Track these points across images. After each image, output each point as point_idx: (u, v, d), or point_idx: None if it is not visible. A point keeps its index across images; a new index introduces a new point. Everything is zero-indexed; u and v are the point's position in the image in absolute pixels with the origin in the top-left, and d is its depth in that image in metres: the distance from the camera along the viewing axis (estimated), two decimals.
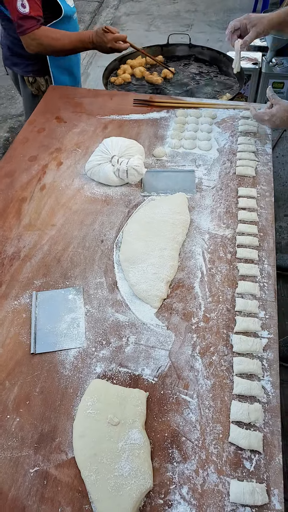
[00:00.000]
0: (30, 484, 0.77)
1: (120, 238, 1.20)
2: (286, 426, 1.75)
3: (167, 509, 0.75)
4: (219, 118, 1.59)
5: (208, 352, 0.95)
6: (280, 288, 2.28)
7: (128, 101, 1.68)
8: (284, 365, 1.90)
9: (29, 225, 1.24)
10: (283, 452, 0.82)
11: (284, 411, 1.79)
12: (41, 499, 0.75)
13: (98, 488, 0.75)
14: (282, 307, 2.18)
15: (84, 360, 0.94)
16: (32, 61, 1.81)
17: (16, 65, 1.87)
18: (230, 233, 1.20)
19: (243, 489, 0.75)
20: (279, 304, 2.16)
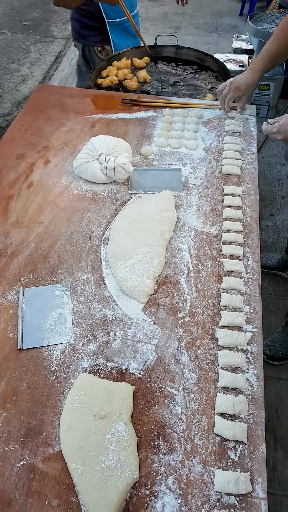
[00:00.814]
0: (17, 478, 0.78)
1: (107, 235, 1.21)
2: (272, 421, 1.78)
3: (153, 500, 0.76)
4: (205, 118, 1.62)
5: (194, 346, 0.96)
6: (267, 286, 2.31)
7: (116, 100, 1.70)
8: (275, 364, 1.93)
9: (16, 222, 1.24)
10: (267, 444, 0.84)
11: (272, 407, 1.82)
12: (28, 492, 0.76)
13: (85, 480, 0.76)
14: (269, 305, 2.21)
15: (71, 355, 0.95)
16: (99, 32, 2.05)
17: (85, 37, 2.10)
18: (215, 230, 1.22)
19: (228, 478, 0.76)
20: (267, 302, 2.21)
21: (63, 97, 1.73)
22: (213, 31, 4.44)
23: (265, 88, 2.98)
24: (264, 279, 2.31)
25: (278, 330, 1.99)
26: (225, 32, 4.41)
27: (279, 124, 1.23)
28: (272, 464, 1.69)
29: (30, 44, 4.50)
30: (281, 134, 1.23)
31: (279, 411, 1.83)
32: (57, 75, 3.93)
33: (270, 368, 1.95)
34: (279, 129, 1.23)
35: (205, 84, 1.93)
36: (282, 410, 1.83)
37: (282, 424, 1.79)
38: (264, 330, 2.03)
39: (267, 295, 2.25)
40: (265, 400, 1.87)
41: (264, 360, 1.91)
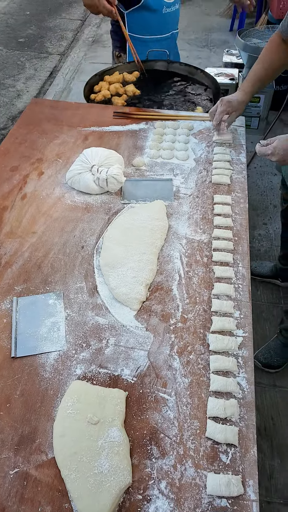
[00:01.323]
0: (10, 486, 0.78)
1: (100, 244, 1.23)
2: (268, 429, 1.78)
3: (146, 504, 0.76)
4: (195, 129, 1.65)
5: (185, 351, 0.98)
6: (260, 294, 2.33)
7: (108, 113, 1.73)
8: (270, 371, 1.93)
9: (10, 233, 1.26)
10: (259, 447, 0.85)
11: (268, 414, 1.82)
12: (21, 499, 0.76)
13: (78, 486, 0.76)
14: (263, 312, 2.23)
15: (64, 362, 0.96)
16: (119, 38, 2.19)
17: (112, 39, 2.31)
18: (206, 238, 1.24)
19: (219, 481, 0.77)
20: (261, 309, 2.23)
21: (56, 110, 1.77)
22: (204, 46, 4.54)
23: (256, 100, 3.04)
24: (257, 287, 2.33)
25: (272, 337, 2.00)
26: (216, 47, 4.51)
27: (273, 147, 1.25)
28: (269, 472, 1.69)
29: (25, 60, 4.58)
30: (276, 156, 1.25)
31: (275, 418, 1.83)
32: (52, 89, 3.99)
33: (265, 375, 1.96)
34: (273, 151, 1.25)
35: (195, 97, 1.98)
36: (278, 417, 1.83)
37: (278, 432, 1.79)
38: (259, 338, 2.06)
39: (261, 303, 2.27)
40: (261, 408, 1.88)
41: (259, 367, 1.92)
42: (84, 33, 5.02)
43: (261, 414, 1.83)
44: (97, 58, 4.47)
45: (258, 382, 1.92)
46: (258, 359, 1.93)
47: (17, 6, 5.72)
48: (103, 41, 4.77)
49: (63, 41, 4.90)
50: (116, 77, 2.03)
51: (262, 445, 1.74)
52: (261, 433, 1.77)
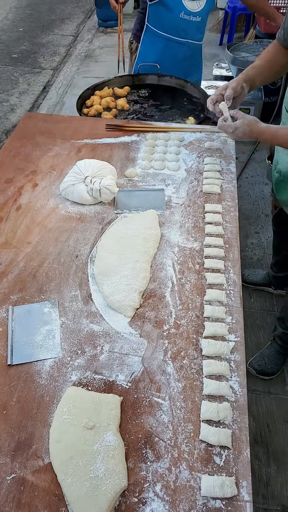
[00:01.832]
0: (7, 491, 0.79)
1: (94, 253, 1.25)
2: (263, 436, 1.79)
3: (142, 507, 0.77)
4: (186, 140, 1.69)
5: (179, 356, 1.00)
6: (254, 301, 2.35)
7: (100, 126, 1.77)
8: (265, 378, 1.95)
9: (5, 244, 1.28)
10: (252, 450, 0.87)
11: (264, 422, 1.83)
12: (18, 505, 0.77)
13: (74, 490, 0.77)
14: (257, 320, 2.25)
15: (60, 369, 0.98)
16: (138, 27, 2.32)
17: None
18: (198, 245, 1.27)
19: (213, 483, 0.78)
20: (254, 317, 2.25)
21: (49, 124, 1.80)
22: None
23: (246, 112, 3.09)
24: (251, 295, 2.35)
25: (266, 344, 2.02)
26: (206, 60, 4.59)
27: (235, 126, 1.32)
28: (266, 479, 1.69)
29: (18, 75, 4.65)
30: (234, 136, 1.34)
31: (270, 425, 1.84)
32: (45, 103, 4.05)
33: (260, 382, 1.97)
34: (234, 130, 1.32)
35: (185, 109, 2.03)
36: (274, 424, 1.84)
37: (273, 439, 1.80)
38: (253, 345, 2.08)
39: (254, 310, 2.29)
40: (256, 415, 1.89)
41: (254, 375, 1.93)
42: (77, 48, 5.12)
43: (256, 421, 1.84)
44: (89, 72, 4.56)
45: (253, 389, 1.93)
46: (253, 367, 1.94)
47: (10, 22, 5.83)
48: (96, 56, 4.86)
49: (56, 57, 4.98)
50: (106, 91, 2.08)
51: (258, 452, 1.75)
52: (257, 440, 1.78)
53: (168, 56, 2.23)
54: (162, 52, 2.23)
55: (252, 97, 3.05)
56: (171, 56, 2.23)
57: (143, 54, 2.30)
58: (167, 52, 2.23)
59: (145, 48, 2.29)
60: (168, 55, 2.23)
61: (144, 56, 2.29)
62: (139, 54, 2.33)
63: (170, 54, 2.23)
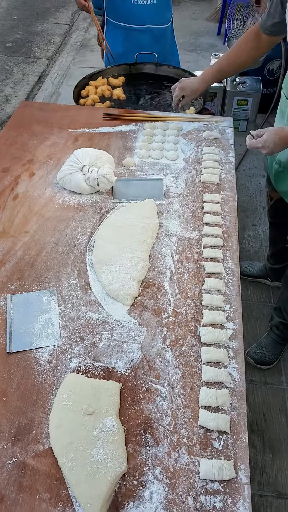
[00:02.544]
0: (8, 475, 0.80)
1: (92, 242, 1.25)
2: (259, 424, 1.81)
3: (141, 489, 0.78)
4: (185, 130, 1.69)
5: (177, 344, 1.00)
6: (251, 293, 2.37)
7: (98, 115, 1.76)
8: (263, 368, 1.96)
9: (3, 233, 1.28)
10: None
11: (260, 411, 1.85)
12: (19, 488, 0.78)
13: (75, 474, 0.78)
14: (254, 312, 2.26)
15: (59, 356, 0.98)
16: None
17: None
18: (196, 235, 1.27)
19: (212, 466, 0.80)
20: (251, 309, 2.26)
21: (46, 112, 1.79)
22: (192, 50, 4.61)
23: (243, 103, 3.10)
24: (248, 287, 2.37)
25: (263, 335, 2.04)
26: (204, 51, 4.58)
27: (263, 140, 1.26)
28: (261, 467, 1.72)
29: (13, 65, 4.59)
30: (266, 149, 1.26)
31: (266, 414, 1.86)
32: (41, 94, 4.01)
33: (256, 373, 1.99)
34: (264, 144, 1.25)
35: None
36: (269, 413, 1.86)
37: (269, 427, 1.82)
38: (250, 337, 2.09)
39: (251, 302, 2.30)
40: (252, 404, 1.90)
41: (252, 364, 1.95)
42: (72, 37, 5.05)
43: (252, 410, 1.86)
44: (85, 62, 4.51)
45: (249, 379, 1.95)
46: (251, 356, 1.96)
47: (4, 10, 5.74)
48: (91, 45, 4.81)
49: (51, 46, 4.92)
50: (101, 81, 2.06)
51: (254, 440, 1.77)
52: (253, 429, 1.80)
53: (132, 45, 2.19)
54: (125, 42, 2.21)
55: (250, 88, 3.04)
56: (135, 45, 2.18)
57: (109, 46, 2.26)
58: (130, 42, 2.20)
59: (109, 41, 2.24)
60: (132, 44, 2.19)
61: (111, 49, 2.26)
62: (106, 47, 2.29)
63: (133, 43, 2.19)
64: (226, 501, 0.77)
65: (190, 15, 5.32)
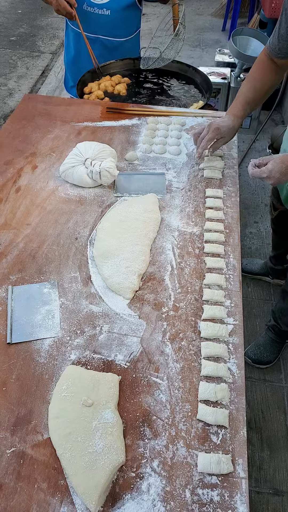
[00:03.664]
0: (7, 464, 0.80)
1: (94, 235, 1.25)
2: (258, 422, 1.81)
3: (139, 481, 0.79)
4: (188, 125, 1.68)
5: (177, 338, 1.00)
6: (251, 291, 2.37)
7: (101, 109, 1.76)
8: (261, 367, 1.97)
9: (5, 225, 1.28)
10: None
11: (258, 408, 1.85)
12: (18, 477, 0.78)
13: (73, 464, 0.78)
14: (254, 309, 2.26)
15: (59, 348, 0.98)
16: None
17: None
18: (198, 230, 1.27)
19: (210, 460, 0.80)
20: (251, 306, 2.26)
21: (49, 106, 1.78)
22: (197, 46, 4.59)
23: None
24: (248, 285, 2.37)
25: (262, 333, 2.04)
26: (208, 47, 4.56)
27: (268, 170, 1.17)
28: (259, 464, 1.72)
29: (17, 58, 4.58)
30: (272, 179, 1.17)
31: (264, 412, 1.86)
32: (44, 88, 4.00)
33: (255, 370, 2.00)
34: (269, 174, 1.16)
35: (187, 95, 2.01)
36: (268, 411, 1.86)
37: (267, 425, 1.83)
38: (249, 334, 2.09)
39: (251, 299, 2.31)
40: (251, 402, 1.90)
41: (250, 364, 1.95)
42: None
43: (251, 408, 1.87)
44: None
45: (248, 377, 1.95)
46: (249, 356, 1.95)
47: (8, 4, 5.72)
48: None
49: (55, 40, 4.90)
50: (104, 79, 2.03)
51: (252, 437, 1.77)
52: (251, 426, 1.81)
53: (83, 52, 2.06)
54: (77, 47, 2.12)
55: None
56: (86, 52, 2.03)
57: (66, 49, 2.22)
58: (82, 48, 2.05)
59: (66, 43, 2.20)
60: (83, 51, 2.04)
61: (67, 52, 2.22)
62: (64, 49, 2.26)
63: (84, 49, 2.02)
64: (223, 495, 0.78)
65: (195, 10, 5.29)
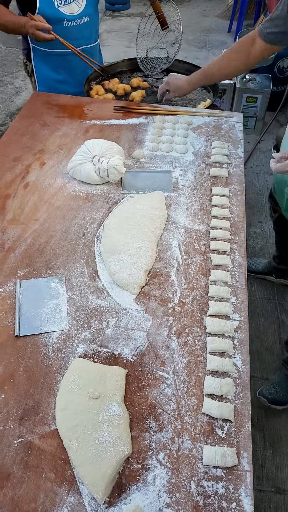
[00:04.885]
0: (15, 454, 0.81)
1: (101, 231, 1.26)
2: (260, 420, 1.82)
3: (145, 473, 0.80)
4: (194, 124, 1.69)
5: (183, 333, 1.01)
6: (255, 290, 2.37)
7: (108, 107, 1.77)
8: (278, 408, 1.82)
9: (13, 220, 1.29)
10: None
11: (261, 406, 1.86)
12: (26, 466, 0.79)
13: (80, 455, 0.79)
14: (257, 308, 2.27)
15: (66, 341, 0.99)
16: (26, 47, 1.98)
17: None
18: (204, 227, 1.28)
19: (215, 453, 0.81)
20: (255, 305, 2.27)
21: (57, 104, 1.80)
22: (203, 47, 4.60)
23: (253, 100, 3.09)
24: (252, 284, 2.37)
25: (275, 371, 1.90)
26: (214, 48, 4.57)
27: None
28: (261, 462, 1.73)
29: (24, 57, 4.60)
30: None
31: (267, 410, 1.87)
32: None
33: (258, 369, 2.00)
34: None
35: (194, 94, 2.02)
36: (270, 409, 1.87)
37: (270, 423, 1.83)
38: (252, 334, 2.10)
39: (255, 298, 2.31)
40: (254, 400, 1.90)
41: (266, 405, 1.81)
42: None
43: (253, 406, 1.87)
44: None
45: (251, 375, 1.94)
46: (264, 396, 1.82)
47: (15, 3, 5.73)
48: (102, 40, 4.80)
49: None
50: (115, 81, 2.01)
51: (254, 435, 1.78)
52: (253, 424, 1.81)
53: (69, 71, 2.00)
54: (61, 70, 1.99)
55: (260, 85, 3.03)
56: (72, 70, 2.00)
57: (42, 79, 2.02)
58: (67, 68, 1.98)
59: (40, 72, 1.99)
60: (69, 70, 1.99)
61: (44, 80, 2.02)
62: (37, 80, 2.02)
63: (70, 68, 1.98)
64: (228, 487, 0.79)
65: (201, 11, 5.31)
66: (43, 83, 2.04)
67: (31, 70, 2.04)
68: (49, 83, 2.03)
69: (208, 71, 1.61)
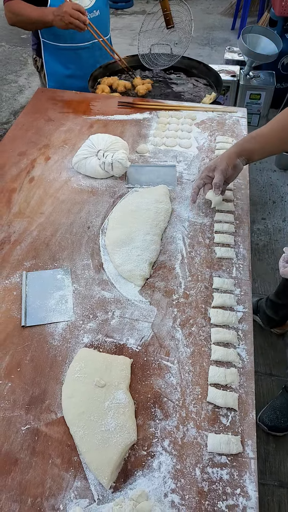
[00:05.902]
0: (22, 440, 0.82)
1: (105, 224, 1.27)
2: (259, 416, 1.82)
3: (150, 459, 0.81)
4: (198, 119, 1.70)
5: (187, 324, 1.02)
6: (258, 286, 2.38)
7: (112, 103, 1.78)
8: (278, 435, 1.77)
9: (19, 213, 1.30)
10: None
11: (264, 401, 1.87)
12: (33, 452, 0.81)
13: (86, 442, 0.80)
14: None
15: (72, 332, 1.00)
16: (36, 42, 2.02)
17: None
18: (208, 221, 1.29)
19: (220, 440, 0.82)
20: None
21: (62, 99, 1.81)
22: (206, 44, 4.60)
23: (256, 97, 3.09)
24: (256, 280, 2.38)
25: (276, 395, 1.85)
26: (217, 45, 4.57)
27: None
28: (264, 456, 1.74)
29: (27, 56, 4.61)
30: None
31: None
32: None
33: (261, 364, 2.01)
34: None
35: (198, 89, 2.03)
36: None
37: None
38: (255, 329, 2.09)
39: (258, 294, 2.32)
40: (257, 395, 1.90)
41: (266, 431, 1.76)
42: None
43: (257, 401, 1.87)
44: None
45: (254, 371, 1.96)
46: (264, 422, 1.76)
47: None
48: None
49: None
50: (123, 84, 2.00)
51: (257, 430, 1.78)
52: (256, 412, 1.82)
53: (79, 65, 2.04)
54: (71, 64, 2.04)
55: (263, 82, 3.03)
56: (82, 65, 2.03)
57: (52, 73, 2.08)
58: (77, 62, 2.03)
59: (50, 66, 2.05)
60: (79, 65, 2.03)
61: (54, 75, 2.08)
62: (47, 74, 2.08)
63: (80, 63, 2.02)
64: (232, 473, 0.79)
65: (204, 9, 5.31)
66: (52, 77, 2.08)
67: (41, 65, 2.08)
68: (58, 78, 2.08)
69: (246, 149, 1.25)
